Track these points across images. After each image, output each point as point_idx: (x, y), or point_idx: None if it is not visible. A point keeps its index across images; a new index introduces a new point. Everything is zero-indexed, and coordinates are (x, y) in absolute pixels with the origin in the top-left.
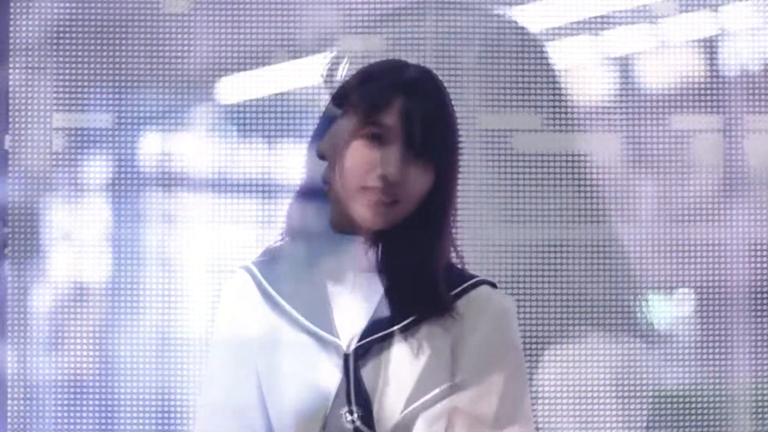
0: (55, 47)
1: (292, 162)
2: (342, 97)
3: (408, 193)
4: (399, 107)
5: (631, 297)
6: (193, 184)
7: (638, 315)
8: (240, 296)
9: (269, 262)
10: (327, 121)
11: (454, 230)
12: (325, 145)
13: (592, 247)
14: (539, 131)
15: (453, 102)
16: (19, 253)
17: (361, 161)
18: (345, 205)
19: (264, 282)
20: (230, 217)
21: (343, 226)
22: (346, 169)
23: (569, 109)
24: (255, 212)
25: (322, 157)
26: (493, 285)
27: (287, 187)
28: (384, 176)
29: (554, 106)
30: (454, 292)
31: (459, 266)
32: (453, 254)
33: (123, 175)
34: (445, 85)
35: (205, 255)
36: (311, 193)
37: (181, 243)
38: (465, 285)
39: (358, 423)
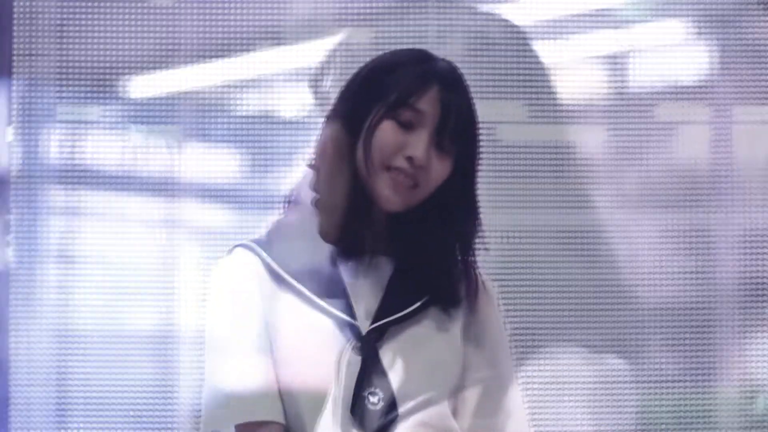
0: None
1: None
2: (369, 79)
3: (428, 179)
4: (436, 95)
5: (616, 283)
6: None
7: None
8: (241, 273)
9: (273, 240)
10: (350, 103)
11: (477, 220)
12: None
13: (575, 234)
14: (525, 123)
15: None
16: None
17: (390, 142)
18: (366, 185)
19: (270, 260)
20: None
21: (332, 236)
22: (373, 147)
23: (555, 102)
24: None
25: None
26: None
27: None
28: (411, 158)
29: (540, 98)
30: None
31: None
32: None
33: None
34: None
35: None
36: (332, 168)
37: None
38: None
39: (381, 404)
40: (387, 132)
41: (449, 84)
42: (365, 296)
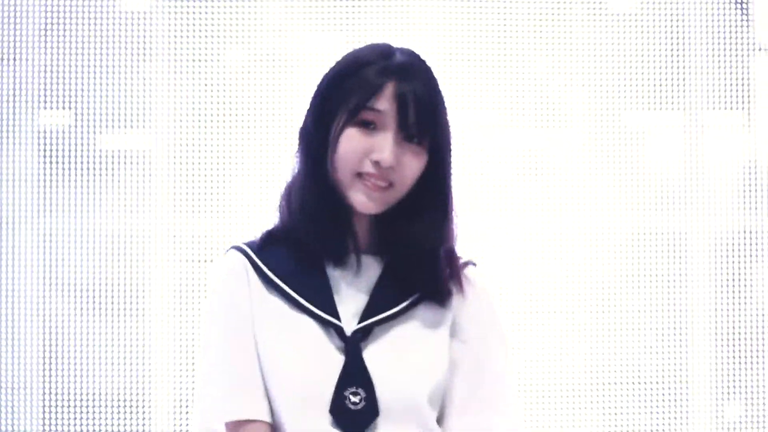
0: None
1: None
2: (331, 86)
3: (402, 176)
4: (392, 91)
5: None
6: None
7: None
8: (233, 273)
9: (265, 243)
10: (317, 111)
11: (454, 215)
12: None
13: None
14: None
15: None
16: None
17: (356, 148)
18: (342, 192)
19: (259, 262)
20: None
21: (317, 241)
22: (340, 156)
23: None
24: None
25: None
26: (474, 264)
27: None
28: (378, 162)
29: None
30: (446, 274)
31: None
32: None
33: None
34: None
35: None
36: (317, 180)
37: None
38: (458, 266)
39: (362, 404)
40: (351, 139)
41: (405, 76)
42: (353, 297)
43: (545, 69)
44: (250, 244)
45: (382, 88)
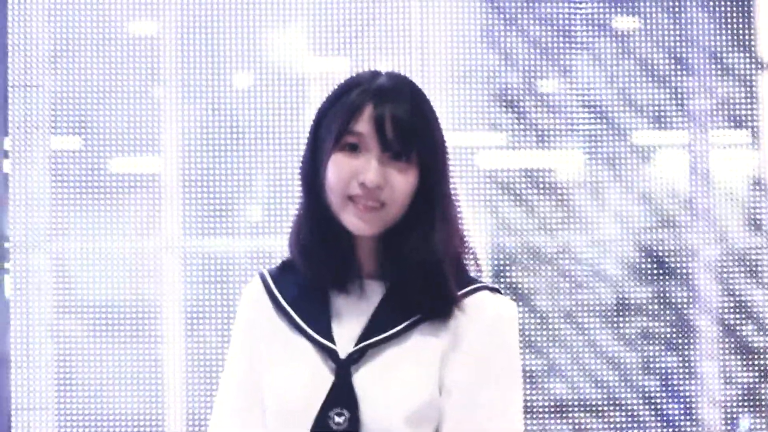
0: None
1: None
2: (320, 115)
3: (392, 194)
4: (371, 112)
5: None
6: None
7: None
8: (253, 298)
9: (281, 270)
10: (311, 141)
11: (460, 230)
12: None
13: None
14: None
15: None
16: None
17: (342, 172)
18: (337, 217)
19: (273, 287)
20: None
21: (319, 271)
22: (330, 182)
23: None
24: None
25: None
26: (495, 290)
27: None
28: (363, 183)
29: (518, 125)
30: (450, 298)
31: (474, 272)
32: (467, 259)
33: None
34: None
35: None
36: (312, 210)
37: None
38: (464, 291)
39: (344, 426)
40: (338, 163)
41: (384, 97)
42: (353, 321)
43: (550, 89)
44: (270, 270)
45: (361, 110)
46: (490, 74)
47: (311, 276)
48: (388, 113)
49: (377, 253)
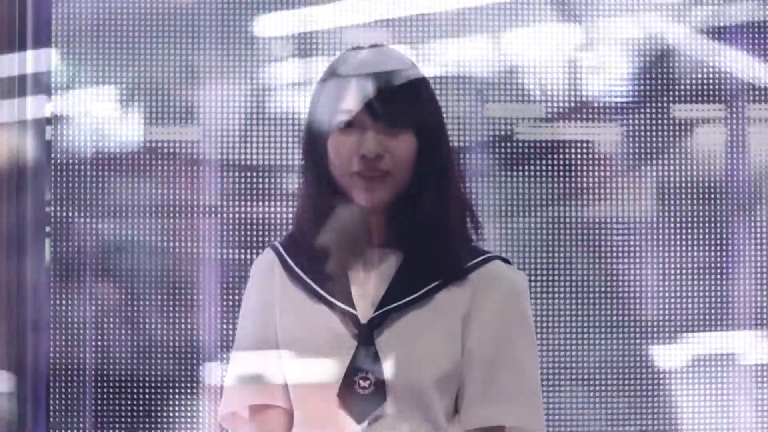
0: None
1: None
2: (314, 98)
3: (395, 162)
4: (357, 86)
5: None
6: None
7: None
8: (266, 269)
9: (293, 241)
10: (308, 123)
11: (464, 197)
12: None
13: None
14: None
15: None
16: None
17: (342, 150)
18: (346, 194)
19: (287, 258)
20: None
21: (333, 241)
22: (333, 162)
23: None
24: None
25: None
26: (506, 261)
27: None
28: (363, 156)
29: (556, 97)
30: (467, 265)
31: (475, 243)
32: (471, 228)
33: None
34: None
35: None
36: (320, 188)
37: None
38: (479, 259)
39: (370, 390)
40: (337, 142)
41: (366, 68)
42: (373, 288)
43: (588, 63)
44: (283, 240)
45: (348, 86)
46: (526, 46)
47: (325, 248)
48: (372, 84)
49: (390, 224)
